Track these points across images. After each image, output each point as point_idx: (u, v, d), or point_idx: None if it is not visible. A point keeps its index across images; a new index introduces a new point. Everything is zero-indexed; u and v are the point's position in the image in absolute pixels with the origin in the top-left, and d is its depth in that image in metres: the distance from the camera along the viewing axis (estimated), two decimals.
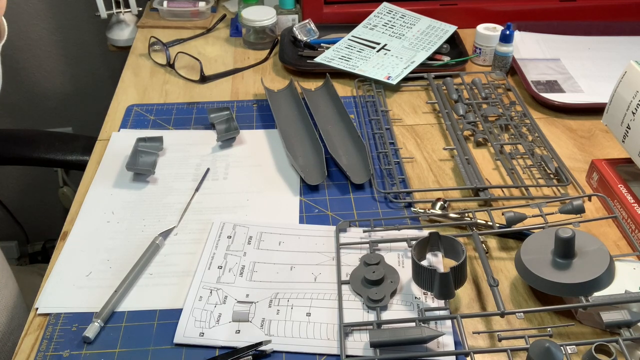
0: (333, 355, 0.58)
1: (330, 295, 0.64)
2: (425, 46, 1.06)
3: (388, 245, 0.70)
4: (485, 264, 0.63)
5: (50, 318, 0.62)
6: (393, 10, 1.16)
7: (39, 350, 0.59)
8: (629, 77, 0.74)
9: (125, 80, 1.03)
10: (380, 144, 0.86)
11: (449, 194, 0.78)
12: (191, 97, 0.98)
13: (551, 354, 0.53)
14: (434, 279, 0.60)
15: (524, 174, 0.81)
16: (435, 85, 0.99)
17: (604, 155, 0.84)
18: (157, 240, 0.69)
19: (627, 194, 0.73)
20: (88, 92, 1.51)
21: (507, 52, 1.01)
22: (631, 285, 0.60)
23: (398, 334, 0.57)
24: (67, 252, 0.69)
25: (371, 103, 0.96)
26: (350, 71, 1.01)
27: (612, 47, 1.11)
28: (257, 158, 0.84)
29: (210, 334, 0.60)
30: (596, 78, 1.02)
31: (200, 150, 0.85)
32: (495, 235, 0.71)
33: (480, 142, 0.87)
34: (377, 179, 0.80)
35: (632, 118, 0.72)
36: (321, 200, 0.77)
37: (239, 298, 0.63)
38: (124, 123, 0.91)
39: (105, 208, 0.75)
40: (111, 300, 0.62)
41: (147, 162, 0.81)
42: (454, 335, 0.59)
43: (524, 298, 0.64)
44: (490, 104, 0.94)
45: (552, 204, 0.73)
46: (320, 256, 0.69)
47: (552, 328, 0.59)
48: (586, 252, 0.61)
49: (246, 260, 0.68)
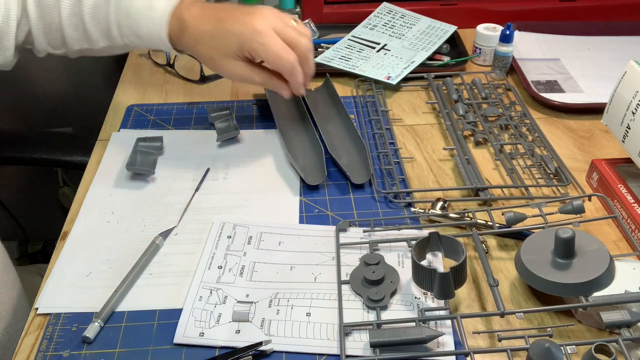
0: (333, 355, 0.58)
1: (330, 295, 0.64)
2: (425, 46, 1.06)
3: (388, 245, 0.70)
4: (485, 264, 0.63)
5: (50, 318, 0.62)
6: (393, 10, 1.16)
7: (39, 350, 0.59)
8: (629, 77, 0.74)
9: (125, 80, 1.03)
10: (380, 144, 0.86)
11: (449, 194, 0.78)
12: (191, 97, 0.98)
13: (551, 354, 0.53)
14: (434, 279, 0.60)
15: (524, 174, 0.81)
16: (435, 85, 0.99)
17: (604, 155, 0.84)
18: (157, 240, 0.69)
19: (627, 194, 0.73)
20: (88, 92, 1.51)
21: (507, 52, 1.01)
22: (631, 285, 0.60)
23: (398, 334, 0.57)
24: (67, 252, 0.69)
25: (371, 103, 0.96)
26: (350, 71, 1.01)
27: (612, 47, 1.11)
28: (257, 158, 0.84)
29: (210, 334, 0.60)
30: (596, 78, 1.02)
31: (200, 150, 0.85)
32: (495, 235, 0.71)
33: (480, 142, 0.87)
34: (377, 179, 0.80)
35: (632, 118, 0.72)
36: (321, 200, 0.77)
37: (239, 298, 0.63)
38: (124, 123, 0.91)
39: (105, 208, 0.75)
40: (111, 300, 0.62)
41: (147, 162, 0.81)
42: (454, 335, 0.59)
43: (524, 298, 0.64)
44: (490, 104, 0.94)
45: (552, 204, 0.73)
46: (320, 256, 0.69)
47: (552, 328, 0.59)
48: (586, 252, 0.61)
49: (246, 260, 0.68)
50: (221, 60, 0.75)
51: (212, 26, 0.74)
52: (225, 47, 0.74)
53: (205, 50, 0.76)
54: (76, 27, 0.80)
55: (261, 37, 0.72)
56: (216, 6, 0.76)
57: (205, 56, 0.76)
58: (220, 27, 0.74)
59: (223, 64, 0.76)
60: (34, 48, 0.83)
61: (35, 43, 0.82)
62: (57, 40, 0.82)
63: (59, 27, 0.80)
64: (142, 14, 0.76)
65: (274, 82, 0.77)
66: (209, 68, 0.80)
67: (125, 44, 0.80)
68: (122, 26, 0.78)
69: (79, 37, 0.81)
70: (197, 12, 0.75)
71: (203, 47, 0.75)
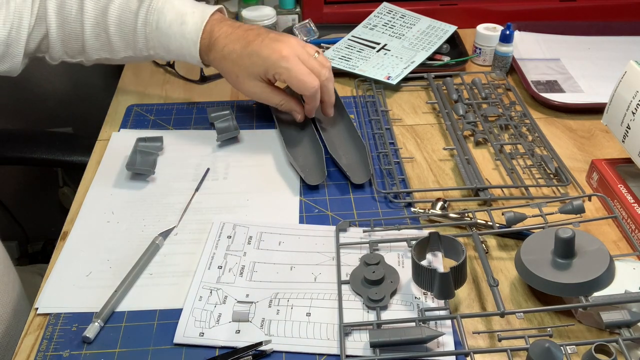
0: (333, 355, 0.58)
1: (330, 295, 0.64)
2: (425, 46, 1.06)
3: (388, 245, 0.70)
4: (485, 264, 0.63)
5: (50, 318, 0.62)
6: (393, 10, 1.16)
7: (39, 350, 0.59)
8: (629, 77, 0.74)
9: (125, 80, 1.03)
10: (380, 144, 0.86)
11: (449, 194, 0.78)
12: (191, 97, 0.98)
13: (551, 354, 0.53)
14: (434, 279, 0.60)
15: (524, 174, 0.81)
16: (435, 85, 0.99)
17: (604, 155, 0.84)
18: (157, 240, 0.69)
19: (627, 194, 0.73)
20: (88, 92, 1.51)
21: (507, 52, 1.01)
22: (631, 285, 0.60)
23: (398, 334, 0.57)
24: (67, 252, 0.69)
25: (371, 103, 0.96)
26: (350, 71, 1.01)
27: (612, 47, 1.11)
28: (257, 158, 0.84)
29: (210, 334, 0.60)
30: (596, 78, 1.02)
31: (200, 150, 0.85)
32: (495, 235, 0.71)
33: (480, 142, 0.87)
34: (377, 178, 0.80)
35: (632, 118, 0.72)
36: (321, 200, 0.77)
37: (239, 298, 0.63)
38: (124, 123, 0.91)
39: (105, 208, 0.75)
40: (111, 300, 0.62)
41: (147, 162, 0.81)
42: (454, 335, 0.59)
43: (524, 298, 0.64)
44: (490, 104, 0.94)
45: (552, 204, 0.73)
46: (320, 256, 0.69)
47: (552, 328, 0.59)
48: (586, 252, 0.61)
49: (246, 260, 0.68)
50: (244, 79, 0.80)
51: (240, 46, 0.78)
52: (251, 68, 0.79)
53: (231, 67, 0.80)
54: (98, 36, 0.82)
55: (286, 62, 0.76)
56: (245, 27, 0.81)
57: (231, 73, 0.81)
58: (249, 49, 0.78)
59: (245, 83, 0.81)
60: (47, 55, 0.85)
61: (51, 51, 0.84)
62: (75, 49, 0.84)
63: (79, 36, 0.82)
64: (173, 28, 0.79)
65: (290, 105, 0.84)
66: (230, 83, 0.84)
67: (149, 55, 0.83)
68: (150, 40, 0.81)
69: (100, 47, 0.83)
70: (227, 30, 0.80)
71: (229, 64, 0.80)
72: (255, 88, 0.81)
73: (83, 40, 0.82)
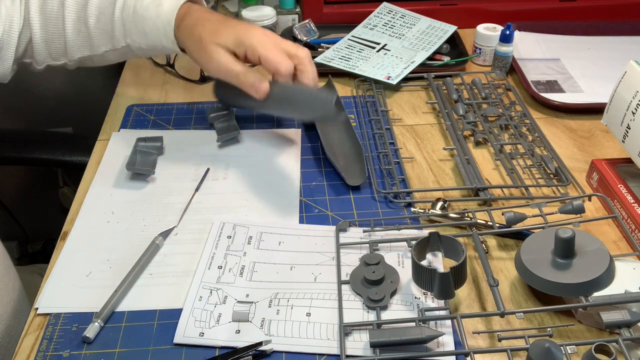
0: (333, 355, 0.58)
1: (330, 295, 0.64)
2: (425, 46, 1.06)
3: (388, 245, 0.70)
4: (485, 264, 0.63)
5: (50, 318, 0.62)
6: (393, 10, 1.16)
7: (39, 350, 0.59)
8: (629, 77, 0.74)
9: (125, 80, 1.03)
10: (380, 144, 0.86)
11: (449, 194, 0.78)
12: (191, 97, 0.98)
13: (551, 354, 0.53)
14: (434, 279, 0.60)
15: (524, 174, 0.81)
16: (435, 85, 0.99)
17: (604, 155, 0.84)
18: (157, 240, 0.69)
19: (627, 194, 0.73)
20: (88, 92, 1.51)
21: (507, 52, 1.01)
22: (631, 285, 0.60)
23: (398, 334, 0.57)
24: (67, 252, 0.69)
25: (371, 103, 0.96)
26: (350, 71, 1.01)
27: (612, 47, 1.11)
28: (257, 158, 0.84)
29: (210, 334, 0.60)
30: (596, 78, 1.02)
31: (200, 150, 0.85)
32: (495, 235, 0.71)
33: (480, 142, 0.87)
34: (377, 178, 0.80)
35: (632, 118, 0.72)
36: (321, 200, 0.77)
37: (239, 298, 0.63)
38: (124, 123, 0.91)
39: (105, 208, 0.75)
40: (111, 300, 0.62)
41: (147, 162, 0.81)
42: (454, 335, 0.59)
43: (524, 298, 0.64)
44: (490, 104, 0.94)
45: (552, 204, 0.73)
46: (320, 256, 0.69)
47: (552, 328, 0.59)
48: (586, 252, 0.61)
49: (246, 260, 0.68)
50: (208, 43, 0.75)
51: (215, 17, 0.78)
52: (222, 36, 0.75)
53: (200, 31, 0.76)
54: (79, 32, 0.82)
55: (261, 37, 0.75)
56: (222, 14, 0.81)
57: (196, 38, 0.76)
58: (224, 21, 0.77)
59: (209, 46, 0.75)
60: (33, 60, 0.86)
61: (35, 54, 0.84)
62: (58, 49, 0.84)
63: (61, 34, 0.82)
64: (150, 10, 0.79)
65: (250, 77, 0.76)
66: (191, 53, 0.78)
67: (126, 45, 0.82)
68: (127, 24, 0.80)
69: (81, 44, 0.83)
70: (204, 10, 0.79)
71: (198, 29, 0.76)
72: (217, 54, 0.75)
73: (65, 38, 0.82)
